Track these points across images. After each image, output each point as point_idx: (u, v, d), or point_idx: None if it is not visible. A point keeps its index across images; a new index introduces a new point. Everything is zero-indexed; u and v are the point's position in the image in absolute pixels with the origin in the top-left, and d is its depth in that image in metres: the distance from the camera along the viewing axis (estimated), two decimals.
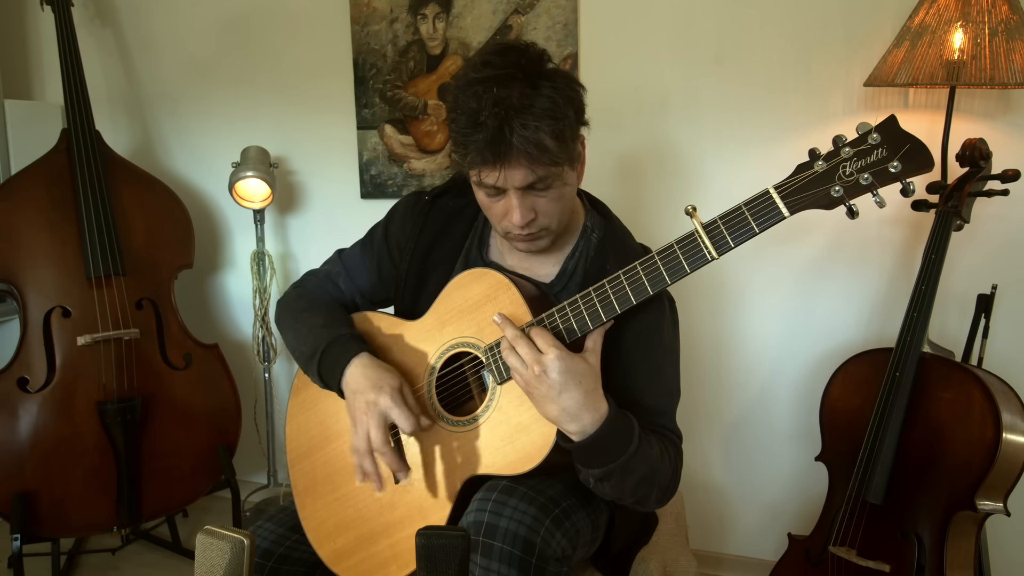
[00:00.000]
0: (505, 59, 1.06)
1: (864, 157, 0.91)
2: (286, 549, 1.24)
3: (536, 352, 1.02)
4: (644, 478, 1.06)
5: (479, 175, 1.09)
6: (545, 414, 1.03)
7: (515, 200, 1.09)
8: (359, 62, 2.23)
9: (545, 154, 1.03)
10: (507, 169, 1.05)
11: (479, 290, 1.16)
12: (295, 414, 1.33)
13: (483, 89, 1.03)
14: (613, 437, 1.02)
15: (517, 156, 1.03)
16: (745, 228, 0.96)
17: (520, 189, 1.08)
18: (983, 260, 1.80)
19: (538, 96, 1.03)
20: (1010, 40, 1.49)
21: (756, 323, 2.04)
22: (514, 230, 1.13)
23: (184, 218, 2.21)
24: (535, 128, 1.02)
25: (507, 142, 1.02)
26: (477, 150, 1.04)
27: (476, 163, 1.06)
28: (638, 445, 1.03)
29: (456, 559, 0.71)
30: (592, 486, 1.07)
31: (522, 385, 1.04)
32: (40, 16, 2.55)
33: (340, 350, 1.18)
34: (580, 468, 1.06)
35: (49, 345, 1.98)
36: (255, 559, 0.83)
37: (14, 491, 1.91)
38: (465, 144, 1.05)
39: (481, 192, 1.13)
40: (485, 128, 1.02)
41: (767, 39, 1.88)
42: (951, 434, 1.46)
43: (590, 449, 1.02)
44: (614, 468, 1.02)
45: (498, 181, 1.07)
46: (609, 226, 1.26)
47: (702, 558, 2.12)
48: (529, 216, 1.11)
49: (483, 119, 1.02)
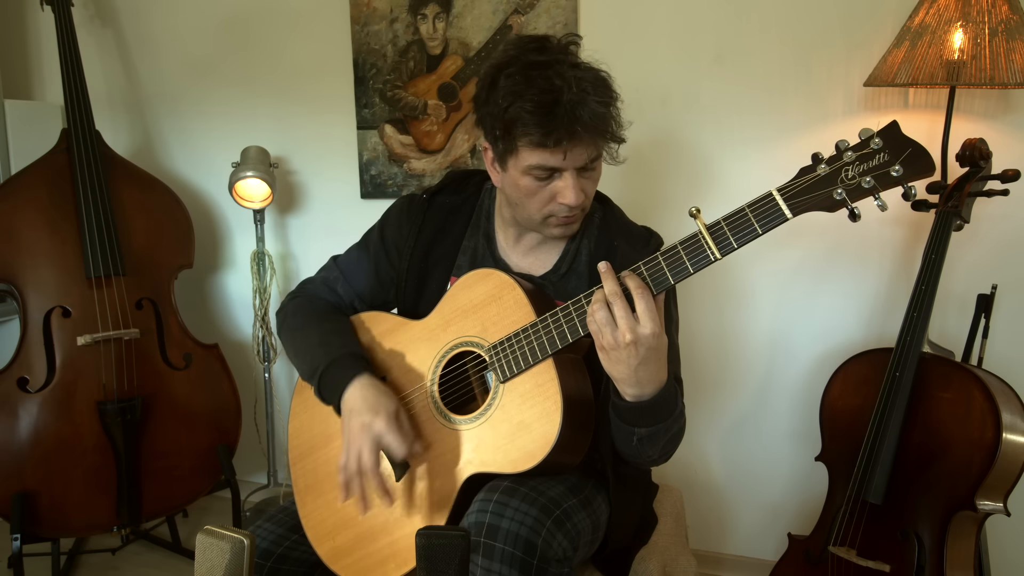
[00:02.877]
0: (552, 44, 1.12)
1: (866, 161, 0.92)
2: (285, 549, 1.24)
3: (632, 320, 0.99)
4: (674, 436, 1.13)
5: (541, 155, 1.10)
6: (610, 370, 1.04)
7: (571, 180, 1.12)
8: (359, 62, 2.23)
9: (607, 130, 1.10)
10: (574, 146, 1.09)
11: (484, 290, 1.17)
12: (298, 412, 1.33)
13: (557, 69, 1.07)
14: (664, 403, 1.06)
15: (585, 132, 1.08)
16: (748, 229, 0.96)
17: (576, 169, 1.12)
18: (983, 260, 1.80)
19: (595, 77, 1.10)
20: (1010, 40, 1.49)
21: (756, 323, 2.03)
22: (561, 212, 1.16)
23: (184, 218, 2.21)
24: (600, 104, 1.07)
25: (579, 118, 1.06)
26: (551, 127, 1.06)
27: (546, 140, 1.07)
28: (681, 409, 1.11)
29: (456, 559, 0.71)
30: (633, 444, 1.10)
31: (599, 339, 1.02)
32: (40, 16, 2.55)
33: (338, 372, 1.18)
34: (623, 426, 1.09)
35: (49, 345, 1.98)
36: (254, 559, 0.83)
37: (14, 491, 1.91)
38: (536, 123, 1.06)
39: (528, 178, 1.14)
40: (562, 105, 1.05)
41: (767, 39, 1.88)
42: (951, 434, 1.46)
43: (644, 411, 1.05)
44: (659, 429, 1.07)
45: (562, 160, 1.10)
46: (607, 209, 1.31)
47: (702, 558, 2.12)
48: (581, 196, 1.14)
49: (564, 96, 1.05)
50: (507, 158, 1.15)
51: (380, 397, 1.14)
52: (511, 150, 1.13)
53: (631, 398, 1.05)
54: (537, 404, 1.10)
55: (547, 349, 1.09)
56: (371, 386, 1.16)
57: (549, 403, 1.09)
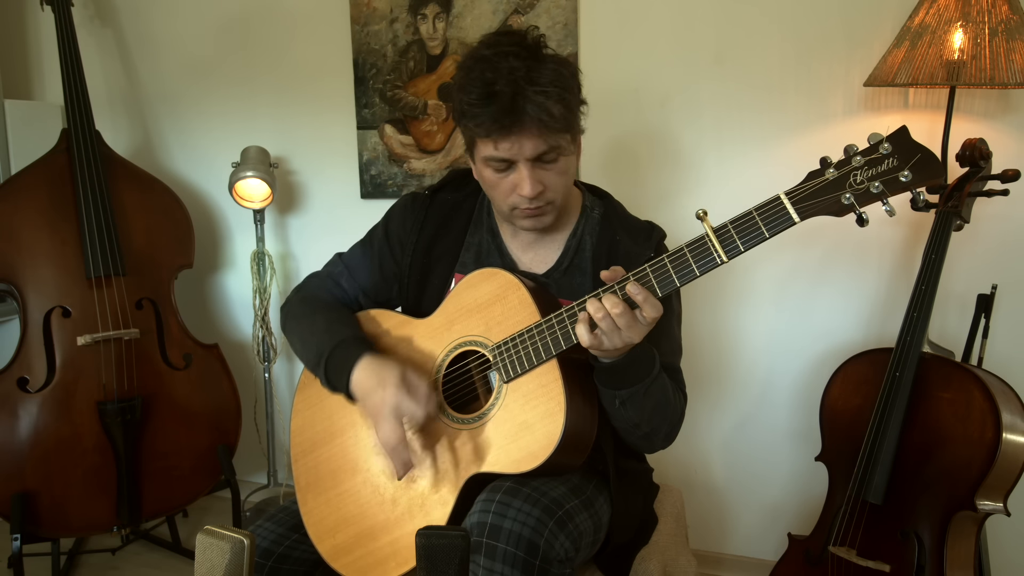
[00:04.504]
0: (511, 38, 1.14)
1: (875, 166, 0.92)
2: (286, 548, 1.24)
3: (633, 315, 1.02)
4: (659, 405, 1.14)
5: (491, 147, 1.13)
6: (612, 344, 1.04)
7: (525, 171, 1.14)
8: (359, 62, 2.23)
9: (555, 121, 1.10)
10: (520, 138, 1.11)
11: (488, 289, 1.18)
12: (301, 410, 1.33)
13: (496, 62, 1.09)
14: (635, 364, 1.08)
15: (529, 124, 1.09)
16: (755, 232, 0.97)
17: (530, 160, 1.13)
18: (983, 260, 1.80)
19: (544, 68, 1.10)
20: (1010, 40, 1.49)
21: (756, 323, 2.04)
22: (522, 204, 1.17)
23: (184, 218, 2.20)
24: (545, 96, 1.08)
25: (520, 110, 1.08)
26: (492, 118, 1.09)
27: (491, 132, 1.11)
28: (658, 372, 1.12)
29: (456, 559, 0.71)
30: (617, 407, 1.13)
31: (602, 325, 1.02)
32: (40, 16, 2.55)
33: (344, 355, 1.19)
34: (606, 391, 1.12)
35: (49, 345, 1.98)
36: (255, 559, 0.83)
37: (14, 491, 1.91)
38: (479, 115, 1.10)
39: (488, 169, 1.17)
40: (500, 97, 1.08)
41: (767, 39, 1.88)
42: (951, 434, 1.46)
43: (618, 371, 1.08)
44: (638, 389, 1.09)
45: (510, 152, 1.12)
46: (608, 204, 1.33)
47: (702, 558, 2.12)
48: (538, 188, 1.15)
49: (498, 88, 1.08)
50: (472, 149, 1.20)
51: (383, 369, 1.15)
52: (471, 142, 1.18)
53: (602, 361, 1.09)
54: (540, 404, 1.10)
55: (551, 350, 1.09)
56: (374, 361, 1.17)
57: (553, 404, 1.09)
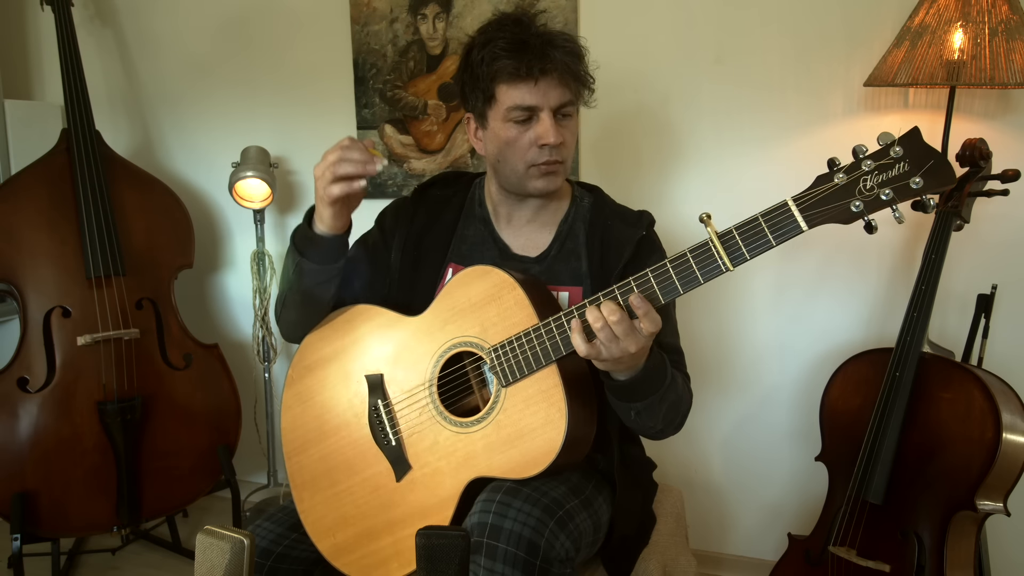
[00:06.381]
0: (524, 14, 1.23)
1: (886, 171, 0.88)
2: (285, 548, 1.24)
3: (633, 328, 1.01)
4: (672, 405, 1.16)
5: (518, 94, 1.18)
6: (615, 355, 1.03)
7: (549, 121, 1.19)
8: (359, 62, 2.23)
9: (578, 71, 1.20)
10: (548, 85, 1.17)
11: (482, 288, 1.16)
12: (291, 406, 1.32)
13: (524, 21, 1.19)
14: (649, 379, 1.09)
15: (558, 71, 1.17)
16: (761, 240, 0.93)
17: (553, 110, 1.19)
18: (983, 260, 1.80)
19: (562, 35, 1.21)
20: (1010, 40, 1.49)
21: (756, 323, 2.03)
22: (541, 158, 1.21)
23: (184, 218, 2.20)
24: (569, 51, 1.18)
25: (550, 57, 1.16)
26: (526, 62, 1.15)
27: (523, 75, 1.16)
28: (672, 376, 1.13)
29: (456, 559, 0.71)
30: (632, 419, 1.14)
31: (601, 336, 1.01)
32: (40, 16, 2.55)
33: (302, 224, 1.21)
34: (621, 404, 1.13)
35: (49, 345, 1.98)
36: (254, 559, 0.83)
37: (14, 491, 1.91)
38: (510, 62, 1.16)
39: (509, 124, 1.20)
40: (531, 45, 1.15)
41: (767, 39, 1.88)
42: (951, 434, 1.46)
43: (634, 386, 1.09)
44: (653, 400, 1.11)
45: (537, 98, 1.17)
46: (597, 195, 1.37)
47: (702, 558, 2.12)
48: (560, 137, 1.20)
49: (529, 38, 1.16)
50: (487, 112, 1.23)
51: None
52: (490, 98, 1.21)
53: (616, 378, 1.09)
54: (541, 411, 1.09)
55: (551, 355, 1.08)
56: None
57: (553, 410, 1.08)
